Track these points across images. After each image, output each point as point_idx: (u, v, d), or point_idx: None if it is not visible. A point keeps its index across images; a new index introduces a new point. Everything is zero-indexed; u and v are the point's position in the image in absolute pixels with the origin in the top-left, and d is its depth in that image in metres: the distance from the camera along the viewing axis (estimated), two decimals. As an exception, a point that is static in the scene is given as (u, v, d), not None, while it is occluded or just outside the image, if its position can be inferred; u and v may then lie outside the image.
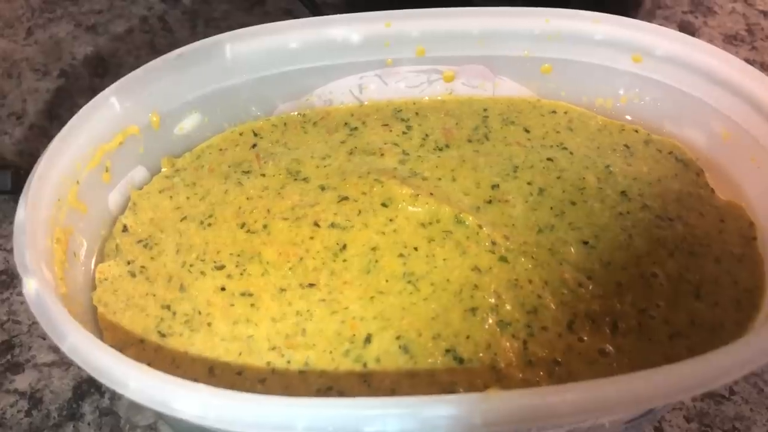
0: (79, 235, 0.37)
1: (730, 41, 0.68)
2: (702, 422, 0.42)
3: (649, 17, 0.68)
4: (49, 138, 0.37)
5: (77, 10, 0.72)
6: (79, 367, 0.39)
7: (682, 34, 0.42)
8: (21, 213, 0.33)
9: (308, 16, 0.54)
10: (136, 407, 0.42)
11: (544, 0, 0.44)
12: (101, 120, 0.39)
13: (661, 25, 0.67)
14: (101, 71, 0.66)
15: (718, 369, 0.29)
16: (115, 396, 0.43)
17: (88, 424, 0.42)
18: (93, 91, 0.40)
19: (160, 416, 0.41)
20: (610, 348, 0.35)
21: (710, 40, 0.67)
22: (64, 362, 0.44)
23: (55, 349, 0.45)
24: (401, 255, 0.38)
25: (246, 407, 0.28)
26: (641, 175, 0.41)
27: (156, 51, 0.67)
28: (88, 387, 0.43)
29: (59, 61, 0.67)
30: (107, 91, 0.39)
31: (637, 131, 0.44)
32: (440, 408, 0.27)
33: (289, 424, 0.27)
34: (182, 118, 0.43)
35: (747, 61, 0.66)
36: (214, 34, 0.43)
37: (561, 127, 0.44)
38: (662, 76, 0.43)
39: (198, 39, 0.43)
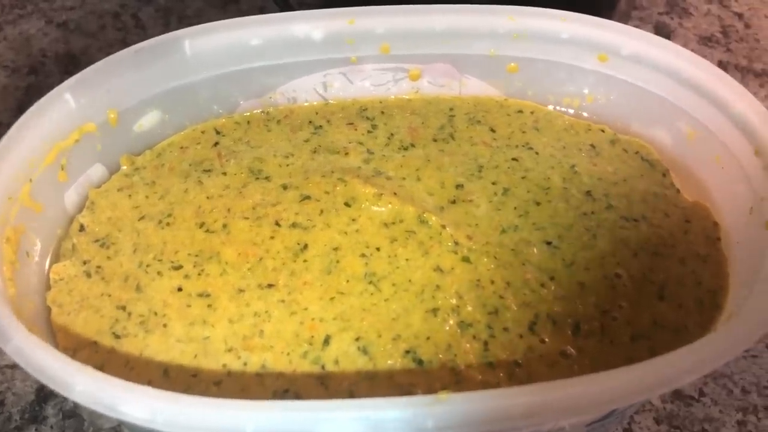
0: (32, 234, 0.37)
1: (704, 43, 0.68)
2: (671, 424, 0.42)
3: (625, 18, 0.68)
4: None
5: (48, 6, 0.71)
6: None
7: (648, 33, 0.42)
8: (-32, 213, 0.32)
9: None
10: (98, 410, 0.42)
11: (515, 3, 0.44)
12: (55, 117, 0.38)
13: (636, 26, 0.67)
14: (72, 68, 0.65)
15: (677, 369, 0.28)
16: (77, 399, 0.42)
17: (51, 427, 0.41)
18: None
19: (120, 420, 0.40)
20: (572, 350, 0.34)
21: (685, 42, 0.67)
22: (25, 365, 0.43)
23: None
24: (363, 255, 0.37)
25: (195, 411, 0.27)
26: (606, 175, 0.41)
27: (128, 48, 0.66)
28: (51, 389, 0.42)
29: (29, 57, 0.66)
30: (61, 87, 0.38)
31: (603, 131, 0.44)
32: (391, 411, 0.27)
33: (239, 427, 0.27)
34: (141, 116, 0.42)
35: (721, 62, 0.66)
36: (187, 32, 0.42)
37: (527, 126, 0.44)
38: (628, 76, 0.42)
39: (171, 37, 0.42)
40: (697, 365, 0.29)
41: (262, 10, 0.69)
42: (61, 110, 0.38)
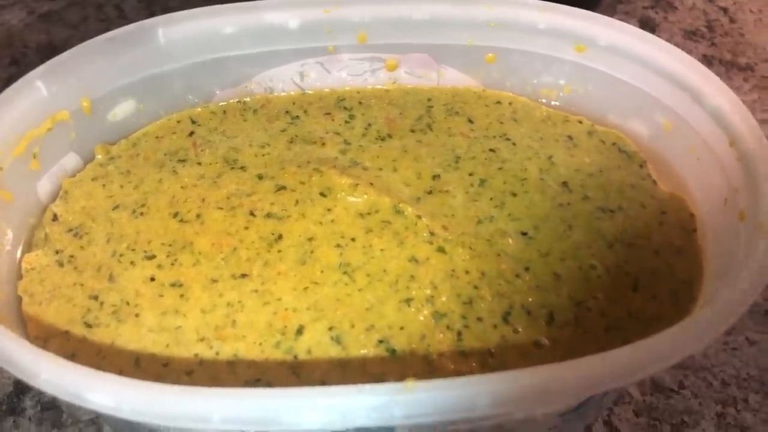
0: (2, 223, 0.36)
1: (689, 37, 0.68)
2: (651, 416, 0.42)
3: (610, 11, 0.68)
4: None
5: (30, -3, 0.71)
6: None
7: (625, 24, 0.41)
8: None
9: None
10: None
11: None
12: (26, 105, 0.37)
13: (622, 20, 0.67)
14: (53, 60, 0.64)
15: (648, 356, 0.28)
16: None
17: (29, 418, 0.41)
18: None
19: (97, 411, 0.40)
20: (545, 340, 0.34)
21: (670, 36, 0.67)
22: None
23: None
24: (338, 245, 0.37)
25: (161, 399, 0.27)
26: (583, 166, 0.41)
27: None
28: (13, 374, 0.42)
29: (10, 48, 0.65)
30: (32, 74, 0.38)
31: (581, 122, 0.44)
32: (357, 398, 0.27)
33: (205, 415, 0.27)
34: (116, 105, 0.42)
35: (706, 56, 0.66)
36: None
37: (505, 117, 0.44)
38: (605, 66, 0.42)
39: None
40: (669, 352, 0.28)
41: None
42: (33, 98, 0.38)
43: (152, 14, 0.68)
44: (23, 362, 0.28)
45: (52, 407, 0.42)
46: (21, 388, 0.42)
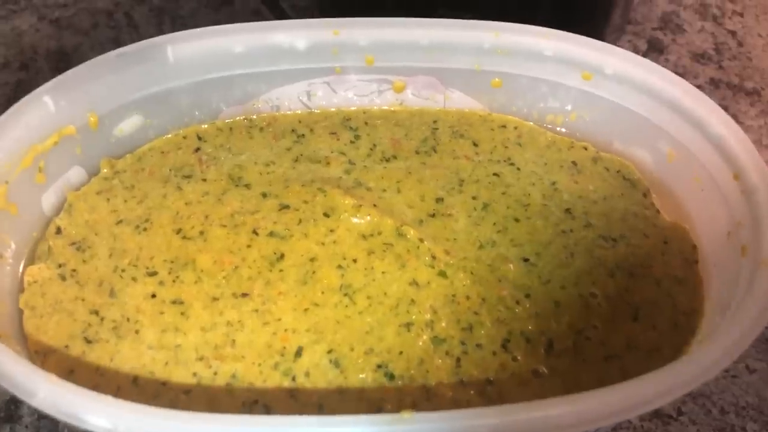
0: (6, 236, 0.36)
1: (697, 59, 0.67)
2: (648, 442, 0.41)
3: (618, 33, 0.68)
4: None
5: (41, 2, 0.71)
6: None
7: (631, 53, 0.42)
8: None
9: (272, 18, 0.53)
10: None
11: (515, 13, 0.43)
12: (34, 119, 0.38)
13: (630, 41, 0.67)
14: (63, 66, 0.64)
15: (650, 392, 0.28)
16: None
17: (26, 426, 0.41)
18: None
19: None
20: (544, 369, 0.34)
21: (678, 58, 0.67)
22: None
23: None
24: (339, 267, 0.37)
25: (157, 423, 0.27)
26: (587, 193, 0.41)
27: (120, 47, 0.66)
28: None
29: (20, 54, 0.66)
30: (40, 89, 0.38)
31: (586, 149, 0.44)
32: (353, 428, 0.27)
33: (200, 440, 0.27)
34: (122, 120, 0.42)
35: (713, 79, 0.66)
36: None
37: (510, 142, 0.44)
38: (611, 95, 0.42)
39: (164, 37, 0.42)
40: (671, 388, 0.28)
41: (256, 12, 0.69)
42: (40, 112, 0.38)
43: (161, 23, 0.69)
44: (21, 381, 0.28)
45: (48, 416, 0.42)
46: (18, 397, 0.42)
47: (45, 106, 0.38)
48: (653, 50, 0.67)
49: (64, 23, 0.69)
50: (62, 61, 0.65)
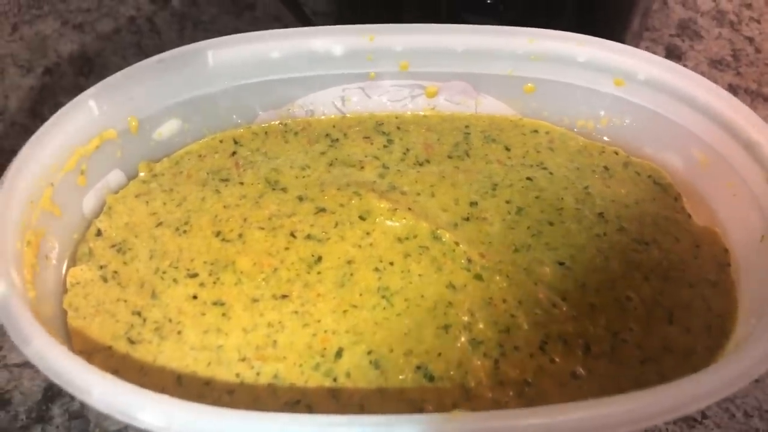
0: (51, 237, 0.37)
1: (715, 66, 0.68)
2: (674, 446, 0.42)
3: (637, 39, 0.68)
4: (30, 135, 0.37)
5: (65, 7, 0.72)
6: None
7: (665, 59, 0.42)
8: (-9, 216, 0.33)
9: (296, 24, 0.54)
10: (106, 412, 0.42)
11: (535, 19, 0.44)
12: (78, 123, 0.38)
13: (648, 47, 0.68)
14: (86, 70, 0.65)
15: (688, 397, 0.29)
16: (85, 400, 0.42)
17: (57, 427, 0.41)
18: (77, 90, 0.40)
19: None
20: (581, 371, 0.34)
21: (696, 64, 0.67)
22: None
23: (26, 351, 0.44)
24: (376, 269, 0.38)
25: (209, 420, 0.28)
26: (619, 198, 0.41)
27: (142, 52, 0.66)
28: (58, 389, 0.42)
29: (44, 58, 0.66)
30: (85, 94, 0.38)
31: (617, 153, 0.44)
32: (403, 428, 0.27)
33: (253, 439, 0.27)
34: (161, 124, 0.42)
35: (731, 86, 0.67)
36: (202, 37, 0.43)
37: (542, 146, 0.44)
38: (644, 100, 0.43)
39: (185, 42, 0.43)
40: (704, 395, 0.29)
41: (277, 18, 0.70)
42: (84, 117, 0.39)
43: (183, 28, 0.69)
44: (77, 379, 0.28)
45: (80, 416, 0.42)
46: (50, 396, 0.43)
47: (89, 110, 0.39)
48: (671, 57, 0.68)
49: (88, 28, 0.69)
50: (86, 65, 0.66)
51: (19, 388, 0.43)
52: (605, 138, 0.45)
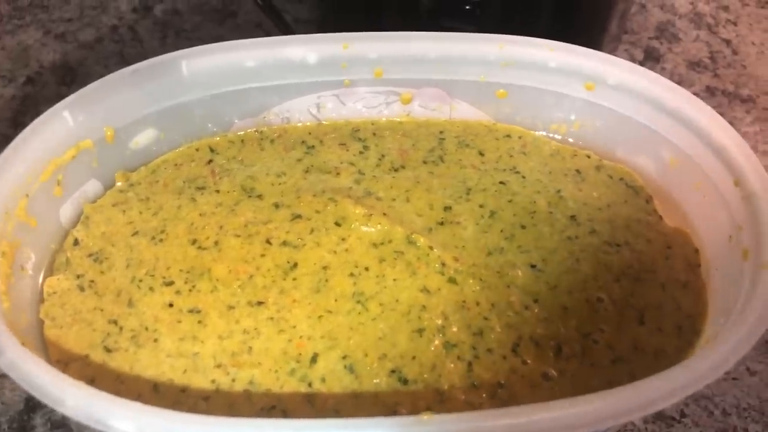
0: (27, 248, 0.37)
1: (693, 68, 0.69)
2: (652, 444, 0.42)
3: (615, 42, 0.69)
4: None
5: (47, 17, 0.72)
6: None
7: (633, 64, 0.43)
8: (-35, 226, 0.33)
9: (277, 32, 0.54)
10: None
11: (513, 24, 0.44)
12: (53, 134, 0.38)
13: (626, 50, 0.69)
14: (68, 80, 0.65)
15: (655, 393, 0.29)
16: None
17: (39, 436, 0.42)
18: (59, 99, 0.40)
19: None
20: (553, 372, 0.35)
21: (674, 66, 0.68)
22: (15, 374, 0.44)
23: (7, 361, 0.44)
24: (352, 274, 0.38)
25: (183, 428, 0.28)
26: (591, 200, 0.42)
27: (125, 61, 0.67)
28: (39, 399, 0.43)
29: (26, 68, 0.67)
30: (60, 104, 0.39)
31: (589, 157, 0.45)
32: (375, 430, 0.28)
33: (225, 445, 0.27)
34: (137, 133, 0.43)
35: (709, 87, 0.67)
36: (185, 45, 0.43)
37: (515, 151, 0.45)
38: (614, 104, 0.43)
39: (168, 50, 0.43)
40: (675, 390, 0.29)
41: (259, 26, 0.70)
42: (60, 127, 0.39)
43: (165, 36, 0.70)
44: (50, 388, 0.29)
45: (62, 426, 0.42)
46: (31, 406, 0.43)
47: (64, 121, 0.39)
48: (649, 59, 0.69)
49: (70, 38, 0.70)
50: (68, 75, 0.66)
51: (1, 398, 0.43)
52: (577, 142, 0.46)
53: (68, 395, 0.29)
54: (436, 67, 0.44)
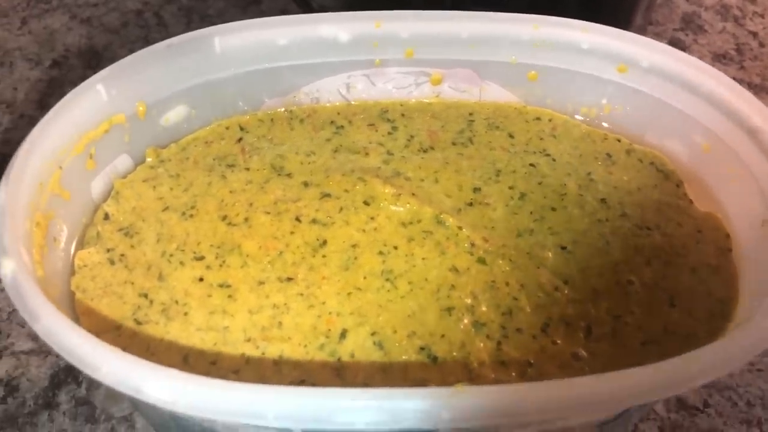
0: (60, 220, 0.37)
1: (719, 60, 0.68)
2: (675, 433, 0.42)
3: (641, 33, 0.69)
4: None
5: (73, 1, 0.72)
6: (56, 356, 0.39)
7: (668, 46, 0.42)
8: (2, 195, 0.33)
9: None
10: (112, 398, 0.42)
11: (538, 12, 0.44)
12: (87, 107, 0.39)
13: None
14: (94, 63, 0.66)
15: (688, 372, 0.29)
16: (91, 386, 0.43)
17: (64, 413, 0.42)
18: (85, 83, 0.40)
19: (135, 407, 0.41)
20: (583, 352, 0.35)
21: (700, 58, 0.67)
22: (42, 350, 0.44)
23: (34, 337, 0.45)
24: (381, 253, 0.38)
25: (217, 394, 0.28)
26: (622, 184, 0.42)
27: (150, 45, 0.67)
28: (65, 376, 0.43)
29: (52, 51, 0.67)
30: (94, 78, 0.39)
31: (619, 140, 0.44)
32: (409, 400, 0.27)
33: (260, 412, 0.27)
34: (169, 109, 0.43)
35: (735, 80, 0.66)
36: (209, 31, 0.43)
37: (545, 133, 0.45)
38: (646, 87, 0.43)
39: (192, 35, 0.43)
40: (705, 370, 0.29)
41: (284, 12, 0.70)
42: (93, 101, 0.39)
43: (190, 22, 0.70)
44: (85, 354, 0.29)
45: (86, 402, 0.42)
46: (56, 383, 0.43)
47: (98, 95, 0.39)
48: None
49: (95, 22, 0.70)
50: (93, 59, 0.66)
51: (26, 375, 0.43)
52: (608, 125, 0.46)
53: (103, 361, 0.29)
54: (467, 48, 0.44)
